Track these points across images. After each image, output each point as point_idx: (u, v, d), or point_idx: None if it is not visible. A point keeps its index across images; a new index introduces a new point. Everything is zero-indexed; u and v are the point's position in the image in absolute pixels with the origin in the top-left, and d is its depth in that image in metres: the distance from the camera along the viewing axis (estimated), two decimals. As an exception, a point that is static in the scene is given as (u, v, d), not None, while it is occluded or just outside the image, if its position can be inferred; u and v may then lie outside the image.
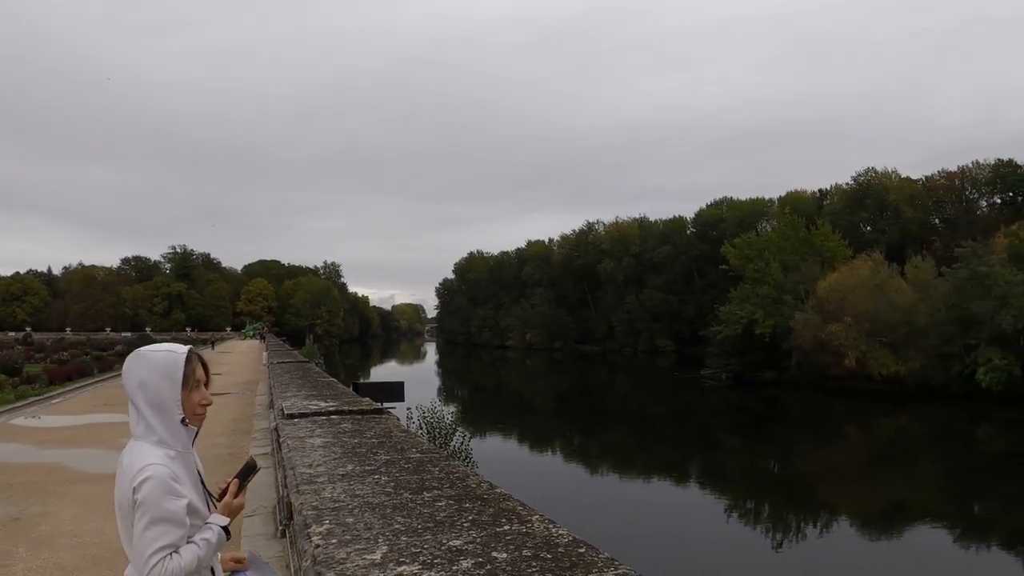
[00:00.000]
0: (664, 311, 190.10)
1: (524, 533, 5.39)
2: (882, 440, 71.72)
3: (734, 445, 71.22)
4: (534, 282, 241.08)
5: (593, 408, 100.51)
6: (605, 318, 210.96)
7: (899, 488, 51.40)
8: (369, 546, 5.18)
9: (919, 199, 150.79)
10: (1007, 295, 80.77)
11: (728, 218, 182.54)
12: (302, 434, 10.65)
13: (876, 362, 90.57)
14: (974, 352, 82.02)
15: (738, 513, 45.34)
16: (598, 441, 73.88)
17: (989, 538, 39.42)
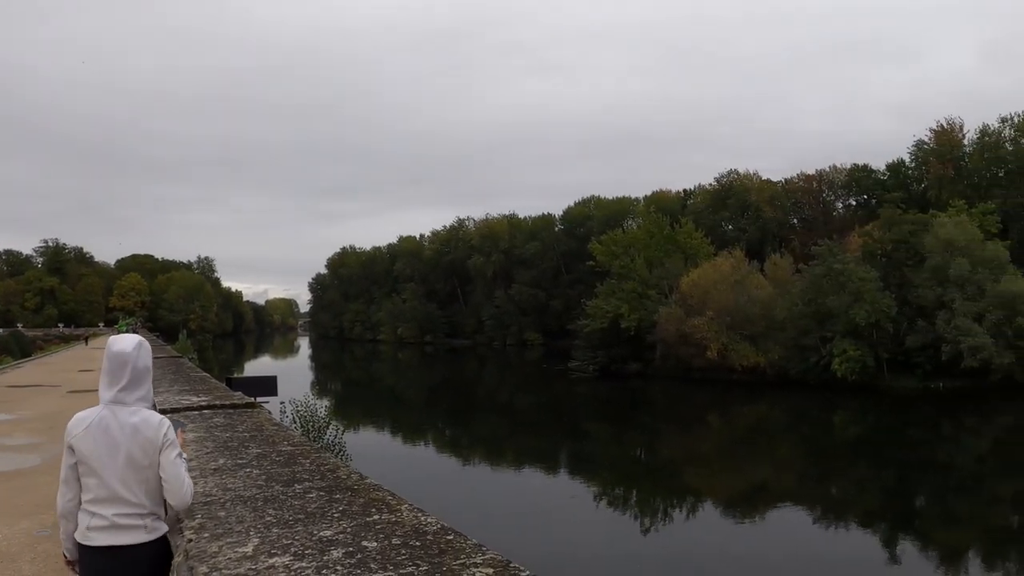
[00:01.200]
0: (532, 306, 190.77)
1: (394, 522, 5.52)
2: (744, 427, 74.07)
3: (602, 434, 72.26)
4: (405, 277, 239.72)
5: (464, 400, 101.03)
6: (475, 312, 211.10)
7: (761, 472, 53.24)
8: (241, 539, 5.26)
9: (779, 200, 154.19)
10: (860, 291, 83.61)
11: (595, 216, 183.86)
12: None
13: (737, 354, 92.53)
14: (829, 344, 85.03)
15: (607, 499, 46.26)
16: (470, 432, 74.46)
17: (846, 517, 41.01)
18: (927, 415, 73.82)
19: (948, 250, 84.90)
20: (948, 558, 34.36)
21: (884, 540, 37.33)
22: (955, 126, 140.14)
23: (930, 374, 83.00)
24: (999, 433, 66.43)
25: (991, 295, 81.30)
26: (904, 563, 33.71)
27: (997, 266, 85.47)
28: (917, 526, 40.34)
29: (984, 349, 77.96)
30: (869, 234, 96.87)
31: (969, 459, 56.94)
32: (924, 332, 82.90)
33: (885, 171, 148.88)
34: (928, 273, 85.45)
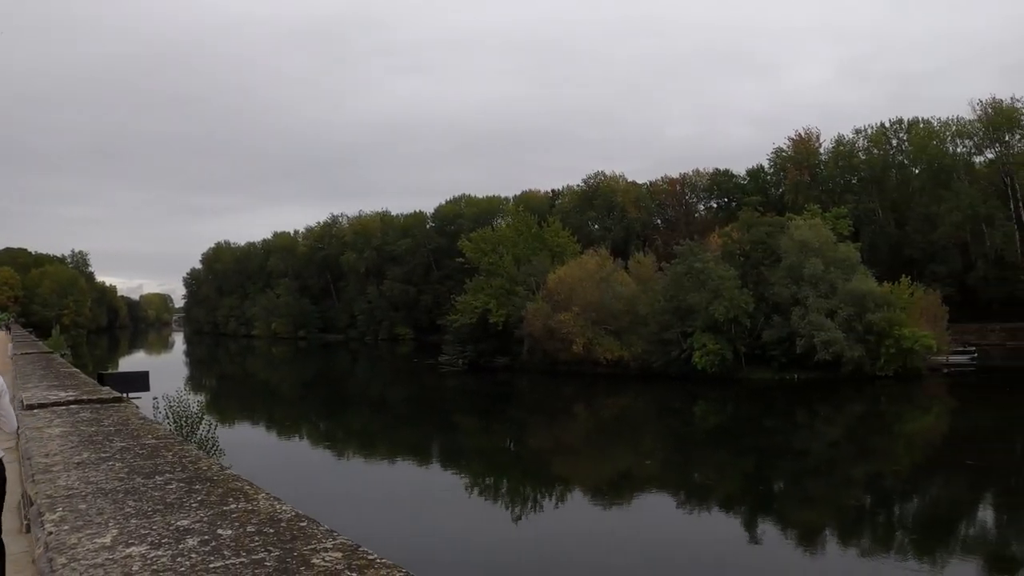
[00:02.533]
0: (404, 301, 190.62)
1: (250, 511, 5.50)
2: (609, 418, 74.98)
3: (472, 426, 72.38)
4: (280, 273, 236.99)
5: (337, 394, 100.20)
6: (348, 308, 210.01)
7: (626, 460, 53.81)
8: (100, 530, 5.16)
9: (643, 201, 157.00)
10: (719, 288, 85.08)
11: (466, 214, 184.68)
12: (40, 424, 10.35)
13: (602, 348, 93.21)
14: (690, 338, 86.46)
15: (480, 489, 46.30)
16: (344, 426, 73.82)
17: (709, 501, 41.95)
18: (783, 405, 76.01)
19: (803, 251, 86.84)
20: (805, 537, 35.28)
21: (745, 522, 38.18)
22: (812, 136, 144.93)
23: (785, 366, 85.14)
24: (850, 421, 68.69)
25: (842, 293, 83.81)
26: (764, 543, 34.50)
27: (848, 266, 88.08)
28: (776, 508, 41.37)
29: (835, 343, 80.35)
30: (728, 235, 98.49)
31: (822, 445, 58.61)
32: (780, 327, 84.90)
33: (745, 176, 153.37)
34: (784, 272, 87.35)
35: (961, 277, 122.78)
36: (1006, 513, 39.11)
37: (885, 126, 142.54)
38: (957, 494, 42.81)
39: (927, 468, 50.39)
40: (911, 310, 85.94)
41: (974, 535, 35.81)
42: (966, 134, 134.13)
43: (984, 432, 60.33)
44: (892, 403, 75.59)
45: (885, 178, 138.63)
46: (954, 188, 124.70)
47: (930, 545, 33.89)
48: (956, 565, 31.14)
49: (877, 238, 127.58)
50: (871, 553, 32.89)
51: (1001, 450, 53.91)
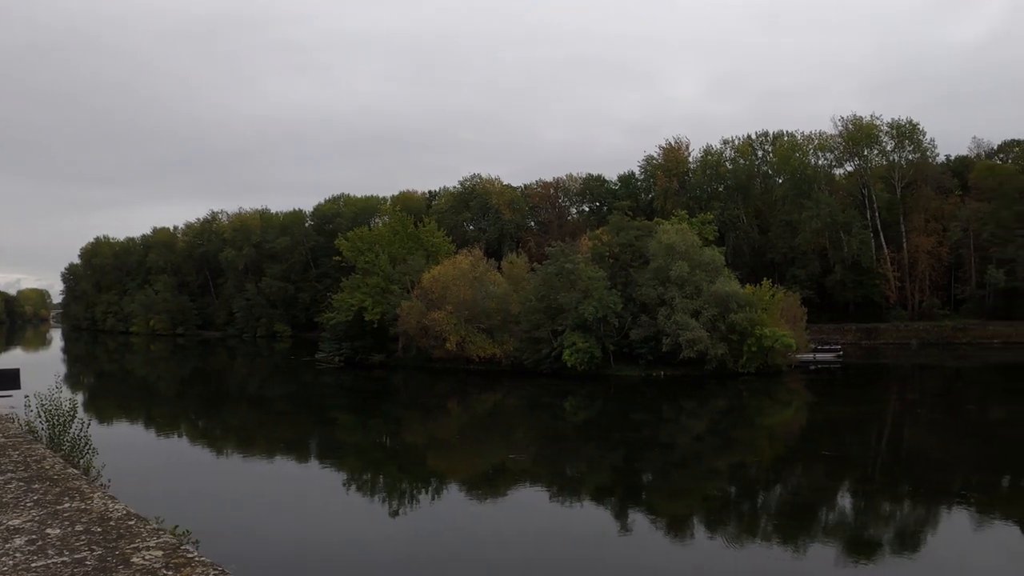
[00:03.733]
0: (282, 298, 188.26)
1: (82, 510, 5.30)
2: (482, 413, 74.95)
3: (349, 422, 71.38)
4: (158, 269, 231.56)
5: (216, 392, 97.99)
6: (226, 305, 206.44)
7: (499, 454, 53.63)
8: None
9: (518, 204, 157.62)
10: (589, 288, 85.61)
11: (344, 213, 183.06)
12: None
13: (475, 345, 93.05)
14: (560, 337, 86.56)
15: (356, 485, 45.45)
16: (222, 423, 71.96)
17: (579, 493, 42.12)
18: (650, 400, 76.60)
19: (670, 254, 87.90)
20: (674, 526, 35.53)
21: (615, 513, 38.22)
22: (682, 145, 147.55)
23: (652, 364, 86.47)
24: (714, 415, 69.83)
25: (707, 294, 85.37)
26: (634, 532, 34.50)
27: (713, 269, 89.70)
28: (645, 499, 41.61)
29: (700, 342, 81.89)
30: (599, 237, 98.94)
31: (688, 438, 59.43)
32: (647, 326, 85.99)
33: (617, 182, 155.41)
34: (651, 274, 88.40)
35: (820, 280, 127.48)
36: (863, 499, 40.32)
37: (752, 138, 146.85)
38: (816, 482, 43.79)
39: (787, 458, 51.51)
40: (772, 311, 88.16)
41: (833, 520, 36.70)
42: (827, 148, 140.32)
43: (841, 424, 62.10)
44: (754, 398, 77.25)
45: (750, 186, 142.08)
46: (815, 197, 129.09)
47: (792, 531, 34.39)
48: (817, 549, 31.85)
49: (741, 243, 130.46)
50: (737, 540, 33.30)
51: (856, 441, 55.74)
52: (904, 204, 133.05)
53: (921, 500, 39.86)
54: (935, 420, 65.11)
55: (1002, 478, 44.54)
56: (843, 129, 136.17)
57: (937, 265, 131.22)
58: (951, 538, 33.37)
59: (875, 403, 75.73)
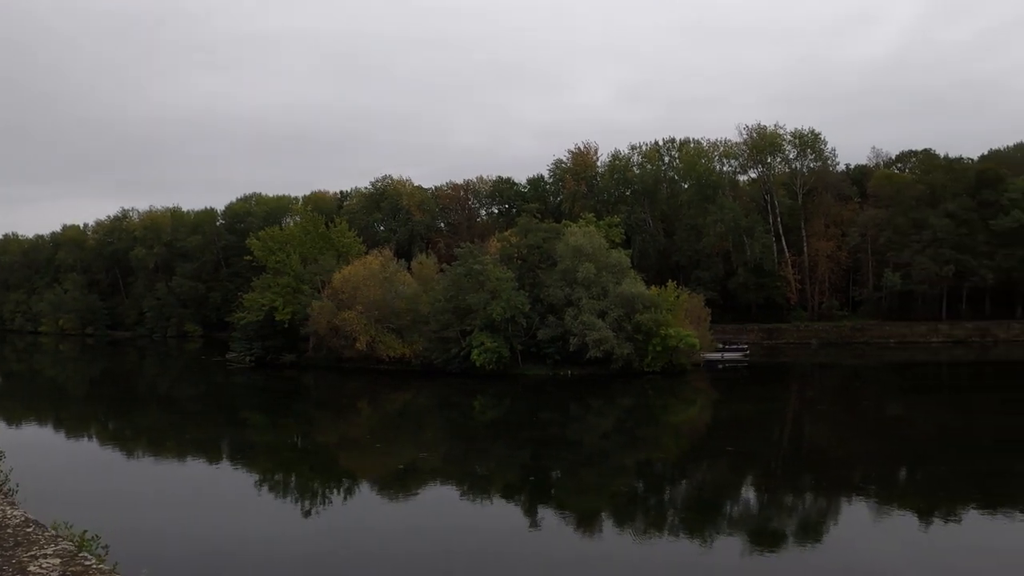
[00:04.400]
0: (193, 298, 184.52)
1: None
2: (393, 413, 74.45)
3: (260, 423, 70.17)
4: (68, 267, 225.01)
5: (126, 392, 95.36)
6: (136, 304, 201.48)
7: (410, 453, 53.20)
8: None
9: (428, 205, 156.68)
10: (497, 289, 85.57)
11: (256, 212, 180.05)
12: None
13: (385, 345, 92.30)
14: (469, 336, 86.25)
15: (269, 485, 44.53)
16: (133, 424, 69.99)
17: (489, 491, 41.90)
18: (557, 399, 76.72)
19: (577, 256, 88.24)
20: (583, 522, 35.48)
21: (525, 510, 38.31)
22: (591, 149, 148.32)
23: (559, 363, 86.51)
24: (620, 413, 70.37)
25: (613, 295, 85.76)
26: (544, 527, 34.56)
27: (619, 271, 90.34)
28: (554, 495, 41.55)
29: (606, 341, 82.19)
30: (507, 239, 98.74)
31: (595, 436, 59.50)
32: (554, 326, 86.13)
33: (526, 184, 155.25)
34: (559, 275, 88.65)
35: (723, 282, 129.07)
36: (766, 493, 41.09)
37: (659, 144, 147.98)
38: (721, 477, 44.40)
39: (692, 455, 52.17)
40: (677, 312, 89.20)
41: (738, 513, 37.24)
42: (732, 155, 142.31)
43: (744, 421, 63.27)
44: (659, 396, 78.15)
45: (656, 191, 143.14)
46: (719, 202, 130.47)
47: (699, 524, 34.70)
48: (723, 541, 32.09)
49: (647, 245, 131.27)
50: (645, 534, 33.53)
51: (759, 437, 56.90)
52: (805, 210, 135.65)
53: (822, 493, 40.62)
54: (835, 417, 66.67)
55: (899, 471, 46.12)
56: (748, 137, 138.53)
57: (836, 268, 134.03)
58: (851, 528, 33.92)
59: (777, 400, 77.44)
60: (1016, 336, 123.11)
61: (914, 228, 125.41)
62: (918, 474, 45.10)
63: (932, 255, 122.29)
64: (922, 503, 36.96)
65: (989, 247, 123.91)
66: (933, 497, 38.47)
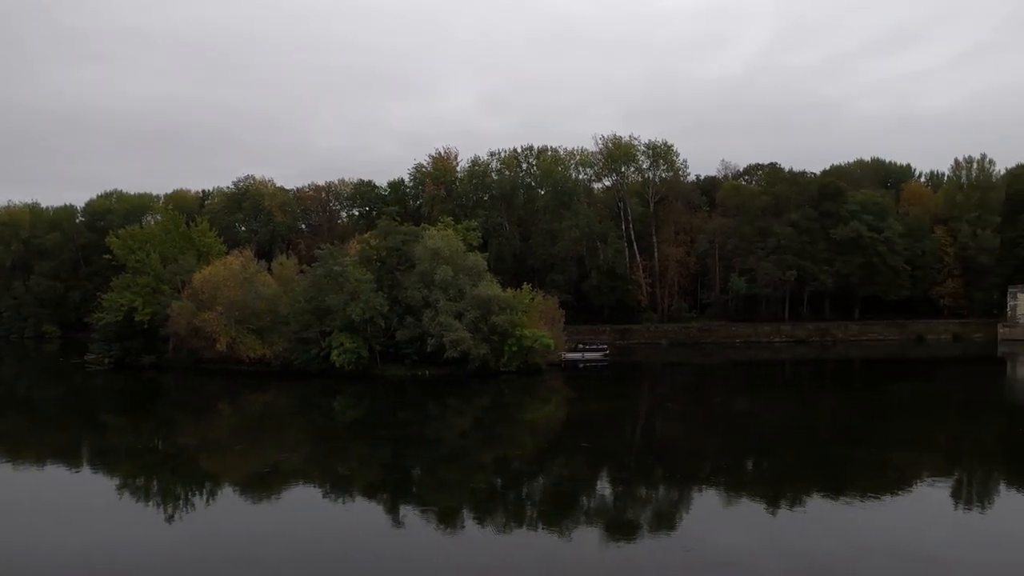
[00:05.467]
0: (51, 297, 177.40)
1: None
2: (254, 414, 72.43)
3: (120, 426, 67.28)
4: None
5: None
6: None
7: (271, 454, 51.53)
8: None
9: (290, 206, 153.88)
10: (356, 290, 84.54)
11: (116, 210, 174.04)
12: None
13: (245, 346, 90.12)
14: (329, 337, 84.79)
15: (130, 490, 42.52)
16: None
17: (351, 490, 40.99)
18: (416, 398, 76.11)
19: (435, 258, 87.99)
20: (444, 518, 34.95)
21: (387, 508, 37.40)
22: (451, 155, 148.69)
23: (418, 363, 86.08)
24: (477, 412, 69.98)
25: (470, 297, 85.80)
26: (406, 525, 33.86)
27: (476, 273, 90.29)
28: (415, 493, 41.09)
29: (463, 342, 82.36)
30: (367, 241, 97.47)
31: (454, 434, 59.30)
32: (412, 327, 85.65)
33: (387, 187, 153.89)
34: (417, 277, 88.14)
35: (577, 285, 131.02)
36: (621, 486, 41.55)
37: (517, 151, 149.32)
38: (577, 472, 44.52)
39: (549, 451, 52.15)
40: (532, 313, 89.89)
41: (595, 506, 37.39)
42: (588, 163, 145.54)
43: (598, 418, 63.82)
44: (515, 395, 78.08)
45: (514, 196, 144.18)
46: (574, 209, 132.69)
47: (557, 518, 34.64)
48: (581, 533, 32.19)
49: (503, 249, 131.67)
50: (505, 528, 33.44)
51: (613, 433, 57.69)
52: (656, 217, 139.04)
53: (675, 485, 41.39)
54: (685, 412, 68.02)
55: (746, 462, 47.04)
56: (603, 147, 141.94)
57: (685, 273, 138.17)
58: (703, 517, 34.50)
59: (630, 398, 78.67)
60: (853, 336, 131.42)
61: (759, 236, 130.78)
62: (764, 464, 46.37)
63: (776, 261, 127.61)
64: (769, 491, 38.02)
65: (829, 254, 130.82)
66: (779, 485, 39.71)
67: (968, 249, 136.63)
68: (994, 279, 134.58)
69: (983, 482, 42.01)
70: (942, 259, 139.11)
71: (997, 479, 42.42)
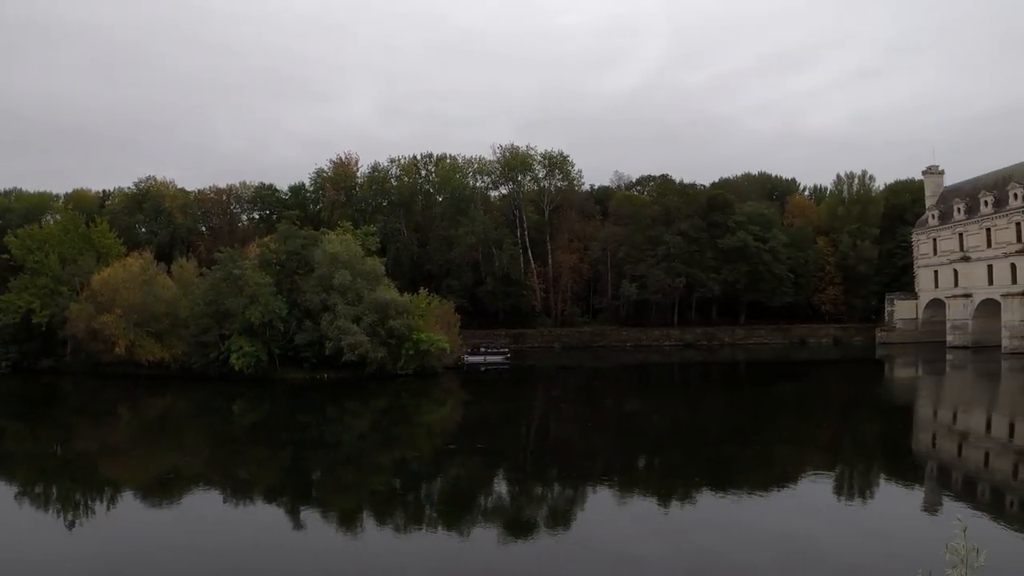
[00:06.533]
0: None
1: None
2: (153, 418, 70.48)
3: (17, 431, 64.36)
4: None
5: None
6: None
7: (171, 459, 50.22)
8: None
9: (190, 208, 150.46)
10: (256, 294, 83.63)
11: (15, 208, 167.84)
12: None
13: (144, 349, 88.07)
14: (228, 341, 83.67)
15: (29, 498, 40.75)
16: None
17: (252, 494, 40.33)
18: (315, 402, 75.06)
19: (334, 262, 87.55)
20: (345, 521, 34.66)
21: (288, 511, 36.48)
22: (352, 160, 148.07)
23: (316, 367, 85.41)
24: (375, 415, 69.64)
25: (368, 301, 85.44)
26: (308, 528, 33.21)
27: (374, 278, 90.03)
28: (315, 496, 40.31)
29: (361, 345, 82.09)
30: (267, 245, 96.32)
31: (352, 437, 58.84)
32: (311, 331, 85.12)
33: (287, 191, 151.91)
34: (316, 281, 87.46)
35: (473, 290, 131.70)
36: (517, 486, 41.78)
37: (417, 158, 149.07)
38: (474, 473, 44.59)
39: (445, 452, 51.95)
40: (428, 317, 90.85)
41: (492, 506, 37.54)
42: (486, 172, 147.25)
43: (494, 419, 64.42)
44: (412, 398, 78.02)
45: (413, 202, 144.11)
46: (471, 215, 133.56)
47: (455, 518, 34.70)
48: (479, 532, 32.25)
49: (401, 254, 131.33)
50: (405, 528, 33.31)
51: (509, 434, 58.23)
52: (551, 225, 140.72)
53: (569, 483, 41.78)
54: (578, 413, 68.63)
55: (638, 460, 48.07)
56: (501, 156, 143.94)
57: (578, 279, 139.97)
58: (597, 513, 35.00)
59: (525, 400, 79.27)
60: (739, 339, 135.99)
61: (650, 244, 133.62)
62: (656, 462, 47.27)
63: (666, 268, 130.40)
64: (661, 488, 38.86)
65: (716, 262, 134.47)
66: (670, 482, 40.57)
67: (848, 259, 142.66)
68: (872, 287, 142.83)
69: (863, 475, 43.72)
70: (824, 268, 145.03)
71: (876, 472, 44.26)
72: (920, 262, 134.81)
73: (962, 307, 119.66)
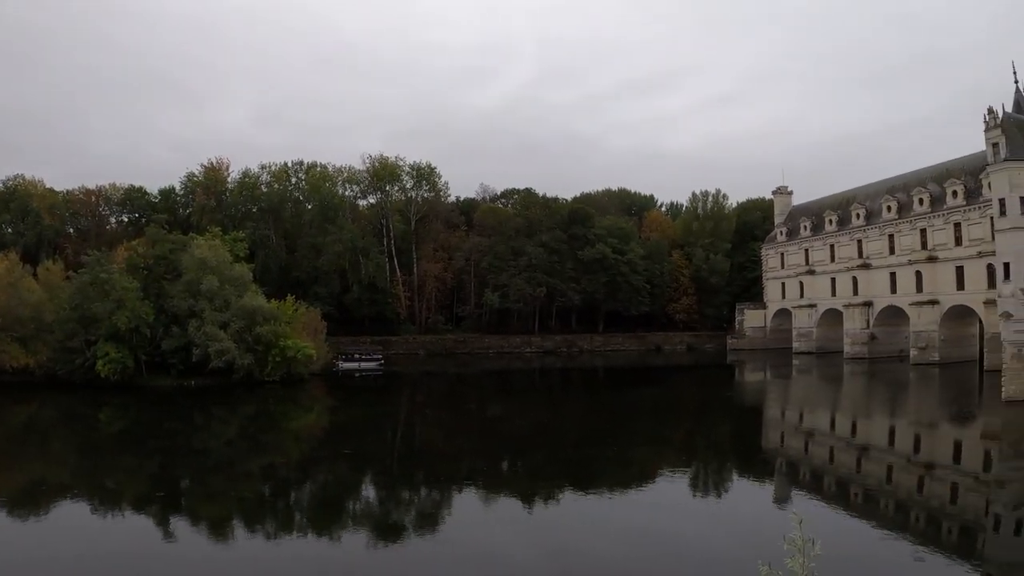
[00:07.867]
0: None
1: None
2: (16, 426, 66.52)
3: None
4: None
5: None
6: None
7: (37, 469, 48.03)
8: None
9: (59, 209, 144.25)
10: (123, 298, 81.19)
11: None
12: None
13: (7, 355, 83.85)
14: (94, 346, 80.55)
15: None
16: None
17: (120, 503, 39.15)
18: (182, 408, 73.14)
19: (202, 268, 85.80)
20: (214, 529, 34.11)
21: (157, 521, 35.28)
22: (223, 165, 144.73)
23: (183, 373, 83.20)
24: (243, 421, 68.60)
25: (235, 308, 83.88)
26: (178, 536, 32.60)
27: (242, 284, 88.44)
28: (184, 504, 39.32)
29: (228, 352, 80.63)
30: (135, 248, 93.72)
31: (220, 443, 57.92)
32: (178, 337, 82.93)
33: (158, 195, 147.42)
34: (183, 286, 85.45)
35: (340, 298, 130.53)
36: (384, 490, 42.19)
37: (287, 165, 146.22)
38: (341, 477, 44.70)
39: (313, 458, 51.88)
40: (295, 324, 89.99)
41: (360, 510, 37.89)
42: (355, 181, 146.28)
43: (360, 425, 64.36)
44: (279, 404, 76.96)
45: (282, 209, 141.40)
46: (339, 224, 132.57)
47: (324, 522, 34.76)
48: (349, 536, 32.54)
49: (270, 261, 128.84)
50: (274, 536, 32.99)
51: (375, 439, 58.22)
52: (417, 235, 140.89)
53: (435, 486, 42.53)
54: (443, 418, 69.70)
55: (502, 462, 48.91)
56: (370, 166, 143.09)
57: (443, 287, 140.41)
58: (464, 515, 35.66)
59: (390, 405, 79.99)
60: (597, 346, 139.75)
61: (513, 255, 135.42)
62: (518, 464, 48.17)
63: (527, 278, 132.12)
64: (524, 489, 39.73)
65: (576, 273, 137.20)
66: (533, 483, 41.50)
67: (702, 271, 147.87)
68: (724, 297, 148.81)
69: (716, 472, 45.97)
70: (678, 279, 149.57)
71: (729, 469, 46.71)
72: (769, 275, 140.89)
73: (807, 316, 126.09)
